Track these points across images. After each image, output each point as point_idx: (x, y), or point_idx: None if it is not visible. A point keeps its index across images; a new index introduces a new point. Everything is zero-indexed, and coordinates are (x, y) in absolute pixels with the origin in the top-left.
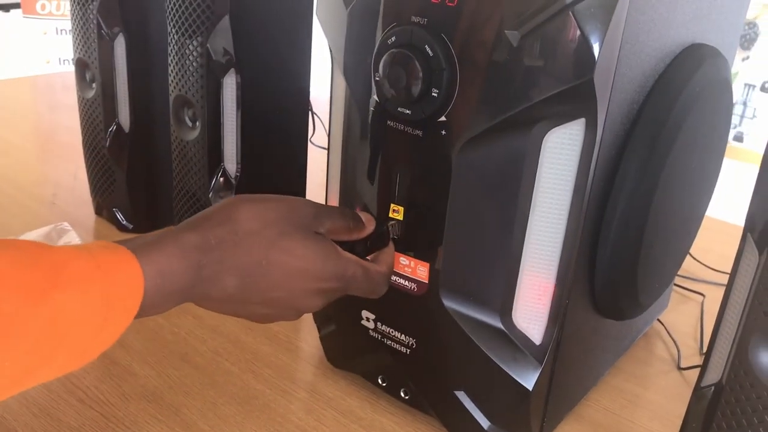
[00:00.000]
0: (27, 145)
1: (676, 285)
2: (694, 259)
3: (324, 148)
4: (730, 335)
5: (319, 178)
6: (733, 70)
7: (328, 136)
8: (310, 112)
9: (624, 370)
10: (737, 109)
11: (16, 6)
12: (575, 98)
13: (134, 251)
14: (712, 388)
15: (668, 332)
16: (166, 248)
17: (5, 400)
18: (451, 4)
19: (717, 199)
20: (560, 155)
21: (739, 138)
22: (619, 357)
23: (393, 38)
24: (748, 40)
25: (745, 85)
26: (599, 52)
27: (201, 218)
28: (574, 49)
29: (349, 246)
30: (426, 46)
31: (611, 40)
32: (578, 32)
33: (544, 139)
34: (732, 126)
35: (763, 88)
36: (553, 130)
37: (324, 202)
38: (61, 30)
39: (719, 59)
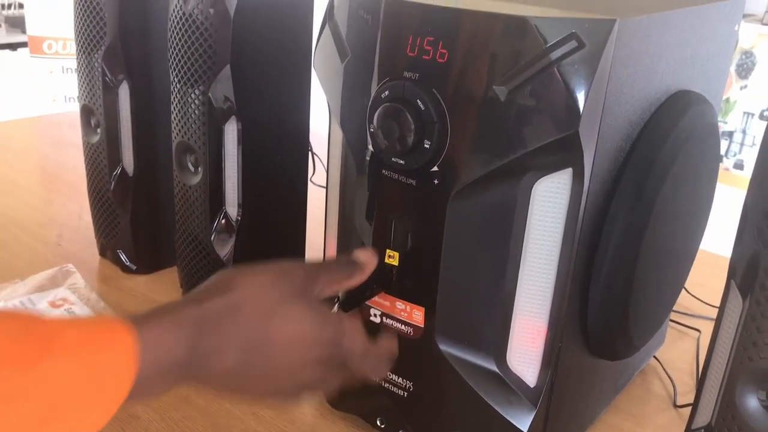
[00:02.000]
0: (33, 186)
1: (672, 321)
2: (690, 294)
3: (323, 187)
4: (717, 379)
5: (319, 216)
6: (732, 98)
7: (326, 181)
8: (309, 153)
9: (621, 409)
10: (737, 137)
11: (23, 45)
12: (562, 149)
13: (130, 323)
14: (702, 430)
15: (664, 369)
16: (163, 321)
17: None
18: (441, 60)
19: (717, 227)
20: (549, 203)
21: (739, 165)
22: (616, 395)
23: (386, 92)
24: (745, 69)
25: (744, 113)
26: (584, 106)
27: (198, 292)
28: (560, 103)
29: (358, 291)
30: (418, 100)
31: (595, 93)
32: (563, 87)
33: (533, 188)
34: (732, 154)
35: (761, 116)
36: (541, 179)
37: (323, 244)
38: (67, 69)
39: (705, 105)
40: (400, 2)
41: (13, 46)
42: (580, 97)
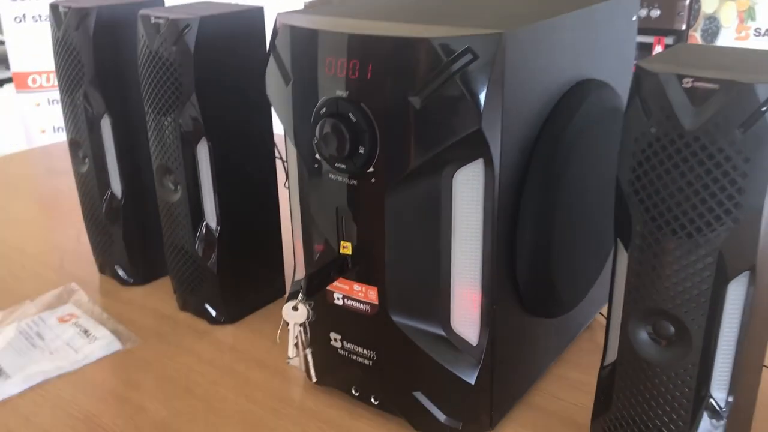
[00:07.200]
0: (32, 216)
1: None
2: None
3: None
4: (618, 321)
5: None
6: None
7: (288, 188)
8: (279, 160)
9: (569, 360)
10: None
11: (8, 81)
12: (471, 144)
13: None
14: (610, 366)
15: None
16: None
17: None
18: (365, 79)
19: None
20: (468, 189)
21: None
22: (564, 349)
23: (324, 109)
24: (710, 34)
25: None
26: (484, 107)
27: None
28: (463, 106)
29: (319, 278)
30: (350, 113)
31: (493, 95)
32: (465, 93)
33: (454, 177)
34: None
35: None
36: (459, 169)
37: (291, 239)
38: (53, 100)
39: (605, 90)
40: (329, 32)
41: None
42: (480, 99)
